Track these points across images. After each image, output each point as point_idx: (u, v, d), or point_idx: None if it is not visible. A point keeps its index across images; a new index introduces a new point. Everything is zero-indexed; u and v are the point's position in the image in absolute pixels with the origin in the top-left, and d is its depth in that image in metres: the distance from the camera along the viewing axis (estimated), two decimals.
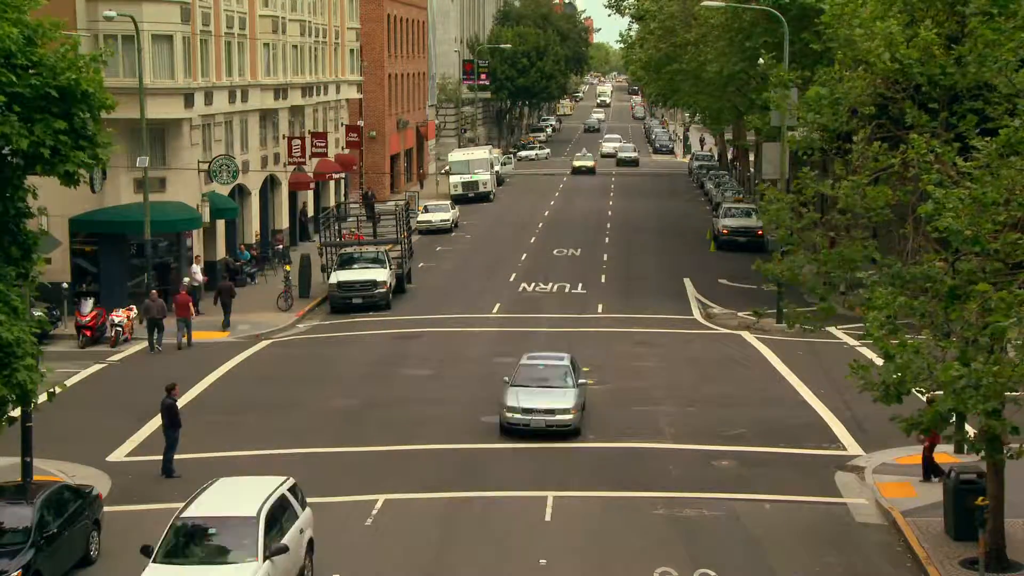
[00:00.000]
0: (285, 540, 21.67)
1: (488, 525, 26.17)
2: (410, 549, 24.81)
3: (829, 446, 31.68)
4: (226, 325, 46.88)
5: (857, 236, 25.20)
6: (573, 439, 32.09)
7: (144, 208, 46.36)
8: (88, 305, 44.05)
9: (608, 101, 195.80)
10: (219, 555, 21.38)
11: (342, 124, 78.49)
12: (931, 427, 21.44)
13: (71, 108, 22.76)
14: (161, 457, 29.77)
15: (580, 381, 33.95)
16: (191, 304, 45.09)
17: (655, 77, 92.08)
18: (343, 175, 76.56)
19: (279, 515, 22.19)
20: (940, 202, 21.25)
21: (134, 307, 46.09)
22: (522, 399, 32.40)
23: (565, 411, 32.19)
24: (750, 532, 25.73)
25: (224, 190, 54.00)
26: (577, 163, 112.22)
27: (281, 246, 61.62)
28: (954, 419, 21.52)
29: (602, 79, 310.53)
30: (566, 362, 34.58)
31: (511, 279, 58.13)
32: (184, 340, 43.81)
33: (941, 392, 20.52)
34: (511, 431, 32.30)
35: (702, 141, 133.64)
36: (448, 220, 75.79)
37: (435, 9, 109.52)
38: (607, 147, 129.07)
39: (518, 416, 32.16)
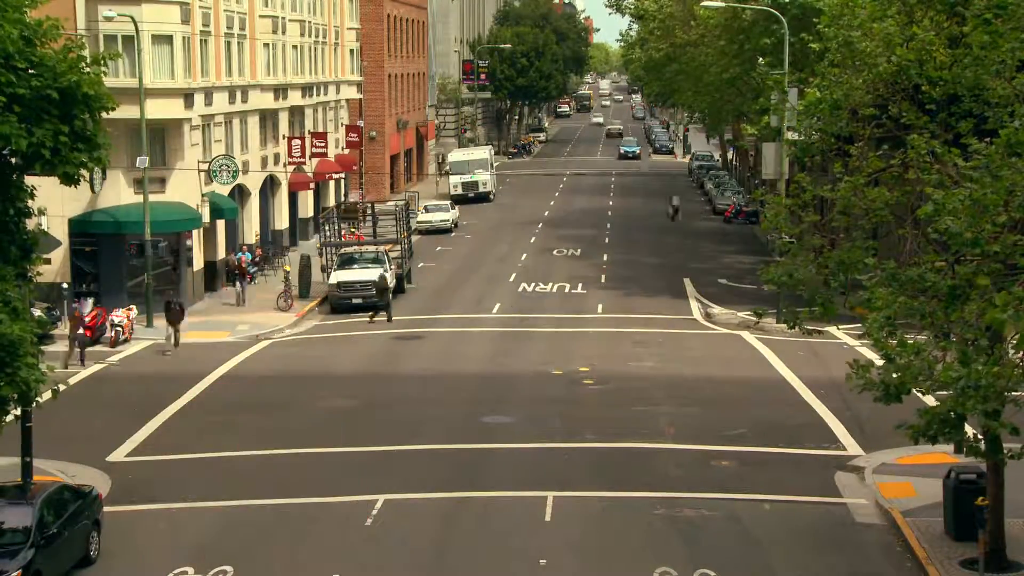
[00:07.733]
0: None
1: (488, 525, 26.14)
2: (410, 549, 24.80)
3: (829, 446, 31.66)
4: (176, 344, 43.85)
5: (857, 238, 25.17)
6: None
7: (144, 208, 46.39)
8: (88, 305, 44.06)
9: (602, 121, 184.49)
10: None
11: (342, 124, 78.48)
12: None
13: (71, 109, 22.76)
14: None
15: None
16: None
17: (655, 77, 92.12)
18: (343, 175, 76.57)
19: None
20: (940, 203, 21.22)
21: (134, 307, 46.13)
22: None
23: None
24: (750, 532, 25.71)
25: (224, 190, 54.00)
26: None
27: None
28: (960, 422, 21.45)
29: (601, 79, 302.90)
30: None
31: (511, 279, 58.14)
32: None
33: (943, 393, 20.46)
34: None
35: (729, 157, 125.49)
36: (448, 220, 75.81)
37: (435, 9, 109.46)
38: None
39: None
